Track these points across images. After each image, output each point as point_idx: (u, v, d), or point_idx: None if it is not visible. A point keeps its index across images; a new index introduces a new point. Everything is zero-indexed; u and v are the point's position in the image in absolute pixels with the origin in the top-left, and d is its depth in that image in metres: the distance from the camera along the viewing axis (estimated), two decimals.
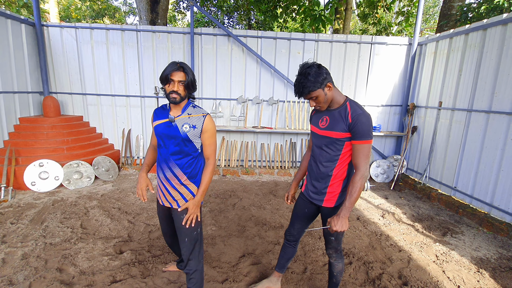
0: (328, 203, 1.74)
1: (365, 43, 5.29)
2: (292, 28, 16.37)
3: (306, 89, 1.54)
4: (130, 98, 5.36)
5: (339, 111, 1.62)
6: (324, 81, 1.54)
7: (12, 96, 4.54)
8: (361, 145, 1.54)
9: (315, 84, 1.52)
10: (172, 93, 1.61)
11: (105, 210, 3.57)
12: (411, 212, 3.89)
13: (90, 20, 16.54)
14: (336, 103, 1.64)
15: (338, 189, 1.72)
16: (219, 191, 4.42)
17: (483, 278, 2.50)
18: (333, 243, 1.83)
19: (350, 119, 1.55)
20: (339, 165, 1.68)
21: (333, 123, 1.62)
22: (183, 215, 1.75)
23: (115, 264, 2.47)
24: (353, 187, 1.54)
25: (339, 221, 1.54)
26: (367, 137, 1.53)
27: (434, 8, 18.95)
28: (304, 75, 1.53)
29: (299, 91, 1.57)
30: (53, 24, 5.08)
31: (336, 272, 1.91)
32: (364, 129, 1.52)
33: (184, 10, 14.48)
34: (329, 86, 1.57)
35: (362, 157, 1.54)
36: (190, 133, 1.69)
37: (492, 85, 3.63)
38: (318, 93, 1.55)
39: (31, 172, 4.10)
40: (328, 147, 1.67)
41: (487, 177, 3.66)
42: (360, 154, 1.54)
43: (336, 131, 1.60)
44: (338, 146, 1.63)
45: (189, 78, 1.63)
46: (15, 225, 3.10)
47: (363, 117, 1.53)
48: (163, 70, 1.61)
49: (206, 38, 5.18)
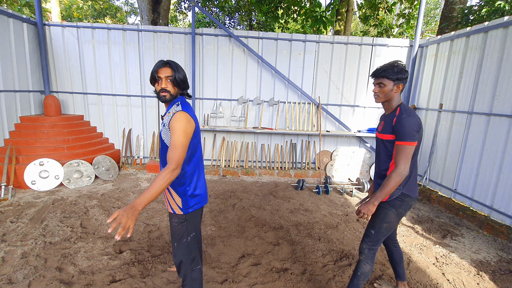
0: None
1: (366, 45, 5.30)
2: (293, 29, 16.39)
3: (384, 73, 1.70)
4: (131, 97, 5.37)
5: (391, 115, 1.77)
6: (401, 80, 1.71)
7: (13, 95, 4.55)
8: (401, 146, 1.66)
9: (394, 74, 1.69)
10: (162, 91, 1.56)
11: (105, 209, 3.57)
12: (411, 214, 3.89)
13: (91, 19, 16.57)
14: (391, 108, 1.80)
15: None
16: (219, 191, 4.42)
17: (483, 281, 2.49)
18: (371, 238, 1.85)
19: (394, 122, 1.70)
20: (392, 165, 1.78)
21: (385, 127, 1.79)
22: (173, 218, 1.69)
23: (114, 263, 2.47)
24: (387, 180, 1.67)
25: (367, 205, 1.71)
26: (407, 139, 1.63)
27: (435, 11, 18.97)
28: (393, 64, 1.71)
29: (378, 70, 1.73)
30: (55, 24, 5.09)
31: (361, 272, 1.87)
32: (404, 131, 1.63)
33: (186, 10, 14.51)
34: (399, 87, 1.73)
35: (402, 156, 1.65)
36: (162, 132, 1.61)
37: (493, 88, 3.63)
38: (388, 83, 1.71)
39: (31, 171, 4.11)
40: (383, 148, 1.83)
41: (488, 180, 3.66)
42: (400, 153, 1.66)
43: (386, 134, 1.77)
44: (389, 147, 1.77)
45: (176, 74, 1.56)
46: (15, 223, 3.10)
47: (405, 120, 1.65)
48: (151, 71, 1.59)
49: (207, 38, 5.19)
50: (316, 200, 4.26)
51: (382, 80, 1.72)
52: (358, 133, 5.38)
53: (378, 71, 1.73)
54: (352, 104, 5.52)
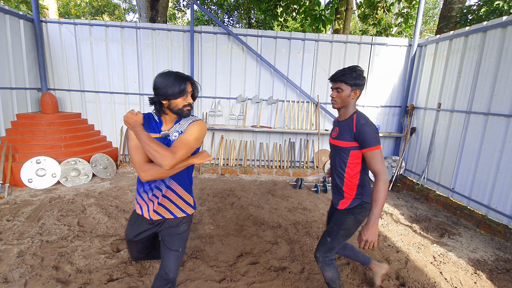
0: (342, 205, 1.82)
1: (365, 44, 5.29)
2: (292, 27, 16.36)
3: (342, 77, 1.66)
4: (129, 95, 5.33)
5: (347, 122, 1.74)
6: (358, 86, 1.68)
7: (10, 92, 4.51)
8: (372, 152, 1.60)
9: (352, 80, 1.65)
10: (187, 106, 1.49)
11: (103, 208, 3.55)
12: (409, 213, 3.90)
13: (89, 16, 16.45)
14: (347, 114, 1.77)
15: (352, 193, 1.79)
16: (217, 190, 4.41)
17: (480, 279, 2.51)
18: (326, 245, 1.83)
19: (354, 129, 1.66)
20: (349, 171, 1.76)
21: (342, 133, 1.75)
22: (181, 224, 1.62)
23: (112, 262, 2.46)
24: (377, 194, 1.57)
25: (369, 230, 1.57)
26: (375, 143, 1.60)
27: (433, 10, 19.01)
28: (352, 69, 1.66)
29: (336, 74, 1.69)
30: (52, 20, 5.04)
31: (327, 280, 1.91)
32: (371, 137, 1.60)
33: (184, 8, 14.43)
34: (356, 93, 1.69)
35: (377, 162, 1.59)
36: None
37: (491, 87, 3.64)
38: (346, 88, 1.67)
39: (28, 169, 4.07)
40: (339, 155, 1.79)
41: (485, 179, 3.68)
42: (374, 160, 1.60)
43: (344, 140, 1.72)
44: (345, 154, 1.74)
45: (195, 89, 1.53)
46: (11, 222, 3.08)
47: (367, 126, 1.62)
48: (168, 85, 1.42)
49: (206, 36, 5.16)
50: (315, 199, 4.26)
51: (340, 85, 1.67)
52: None
53: (336, 75, 1.68)
54: None
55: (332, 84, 1.73)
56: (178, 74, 1.45)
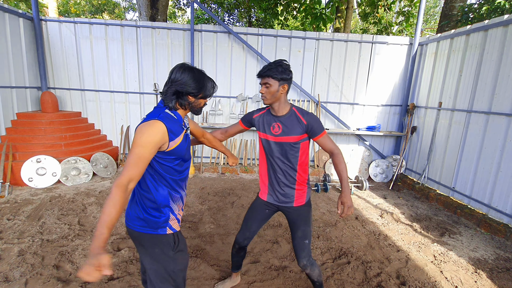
0: (298, 202, 1.84)
1: (366, 42, 5.27)
2: (292, 26, 16.32)
3: (269, 72, 1.66)
4: (129, 94, 5.33)
5: (290, 118, 1.75)
6: (286, 80, 1.69)
7: (10, 91, 4.50)
8: (323, 137, 1.75)
9: (278, 74, 1.65)
10: (203, 106, 1.52)
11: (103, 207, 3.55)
12: (409, 212, 3.90)
13: (89, 15, 16.41)
14: (283, 110, 1.76)
15: (304, 187, 1.86)
16: (217, 189, 4.41)
17: (480, 278, 2.51)
18: (307, 247, 1.83)
19: (304, 121, 1.72)
20: (300, 165, 1.80)
21: (288, 129, 1.74)
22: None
23: (112, 261, 2.46)
24: (340, 165, 1.72)
25: (347, 197, 1.67)
26: (323, 129, 1.75)
27: (434, 9, 18.94)
28: (277, 63, 1.68)
29: (263, 70, 1.69)
30: (52, 19, 5.03)
31: (316, 278, 1.91)
32: (318, 125, 1.73)
33: (184, 6, 14.40)
34: (284, 87, 1.70)
35: (330, 143, 1.76)
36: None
37: (492, 86, 3.63)
38: (273, 83, 1.67)
39: (28, 168, 4.07)
40: (287, 152, 1.77)
41: (486, 178, 3.67)
42: (327, 142, 1.76)
43: (293, 135, 1.74)
44: (296, 148, 1.77)
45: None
46: (12, 221, 3.08)
47: (312, 115, 1.74)
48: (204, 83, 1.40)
49: (206, 35, 5.15)
50: (315, 198, 4.25)
51: (268, 80, 1.67)
52: (357, 131, 5.37)
53: (263, 70, 1.68)
54: (352, 102, 5.51)
55: (260, 80, 1.74)
56: (206, 74, 1.46)
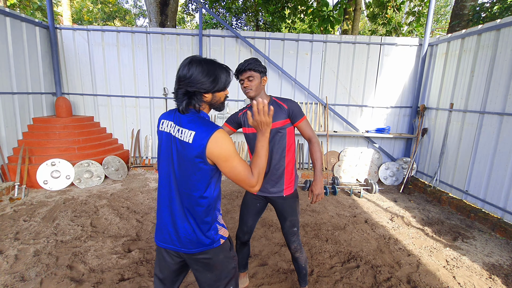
0: (288, 191, 1.89)
1: (374, 44, 5.23)
2: (300, 29, 16.33)
3: (250, 65, 1.74)
4: (139, 99, 5.44)
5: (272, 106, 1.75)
6: (264, 73, 1.80)
7: (26, 97, 4.67)
8: (303, 122, 1.84)
9: (258, 67, 1.75)
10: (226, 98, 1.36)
11: (114, 209, 3.63)
12: (420, 216, 3.82)
13: (101, 22, 16.88)
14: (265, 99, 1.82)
15: (292, 175, 1.91)
16: (226, 191, 4.44)
17: (495, 284, 2.43)
18: (296, 233, 1.91)
19: (285, 106, 1.82)
20: (288, 153, 1.85)
21: (273, 116, 1.78)
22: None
23: (123, 262, 2.51)
24: (316, 154, 1.83)
25: (318, 185, 1.80)
26: (303, 114, 1.85)
27: (445, 8, 18.59)
28: (254, 59, 1.78)
29: (243, 66, 1.75)
30: (66, 27, 5.21)
31: (304, 263, 1.99)
32: (299, 110, 1.83)
33: (193, 12, 14.62)
34: (264, 79, 1.82)
35: (309, 129, 1.85)
36: None
37: (506, 87, 3.54)
38: (256, 76, 1.76)
39: (43, 171, 4.21)
40: (274, 139, 1.81)
41: (500, 181, 3.57)
42: (307, 128, 1.84)
43: (279, 120, 1.80)
44: (282, 133, 1.82)
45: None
46: (28, 222, 3.18)
47: (292, 102, 1.84)
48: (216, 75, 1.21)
49: (214, 39, 5.22)
50: (323, 201, 4.22)
51: (251, 73, 1.75)
52: (366, 133, 5.32)
53: (244, 65, 1.75)
54: (360, 104, 5.46)
55: (240, 76, 1.78)
56: (217, 62, 1.24)
